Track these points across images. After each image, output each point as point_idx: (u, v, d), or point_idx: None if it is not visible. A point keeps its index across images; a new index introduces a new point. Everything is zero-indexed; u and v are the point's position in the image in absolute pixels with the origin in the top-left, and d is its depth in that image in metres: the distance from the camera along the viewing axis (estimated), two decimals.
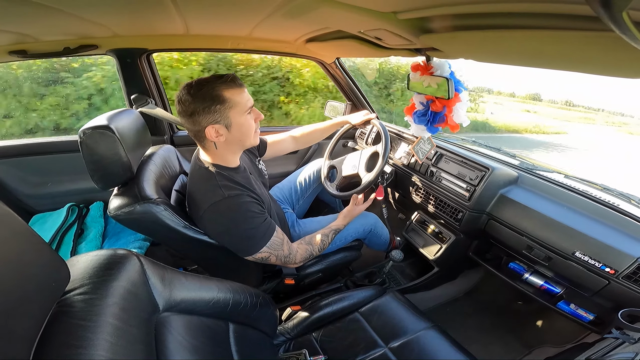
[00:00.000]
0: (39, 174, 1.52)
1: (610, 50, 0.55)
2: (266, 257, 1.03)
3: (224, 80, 0.92)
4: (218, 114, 0.92)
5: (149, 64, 1.52)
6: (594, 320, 1.15)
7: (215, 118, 0.92)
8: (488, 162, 1.35)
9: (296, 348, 0.99)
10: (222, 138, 0.96)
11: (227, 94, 0.92)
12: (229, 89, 0.92)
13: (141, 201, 0.88)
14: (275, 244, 1.04)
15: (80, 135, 0.86)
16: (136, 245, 1.39)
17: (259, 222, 1.00)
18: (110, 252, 0.57)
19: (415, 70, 1.27)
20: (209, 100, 0.90)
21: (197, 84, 0.91)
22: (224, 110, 0.92)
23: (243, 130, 0.97)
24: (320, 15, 0.95)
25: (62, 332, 0.43)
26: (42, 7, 0.83)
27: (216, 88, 0.91)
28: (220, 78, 0.92)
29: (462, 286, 1.74)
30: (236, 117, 0.95)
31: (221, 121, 0.93)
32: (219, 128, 0.94)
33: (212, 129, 0.93)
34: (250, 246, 1.00)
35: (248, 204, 0.99)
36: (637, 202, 1.18)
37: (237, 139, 0.99)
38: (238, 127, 0.96)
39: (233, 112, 0.93)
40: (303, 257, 1.13)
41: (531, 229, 1.18)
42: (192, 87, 0.91)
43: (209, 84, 0.91)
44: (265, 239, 1.01)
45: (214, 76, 0.93)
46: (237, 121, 0.95)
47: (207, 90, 0.90)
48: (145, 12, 1.06)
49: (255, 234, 0.99)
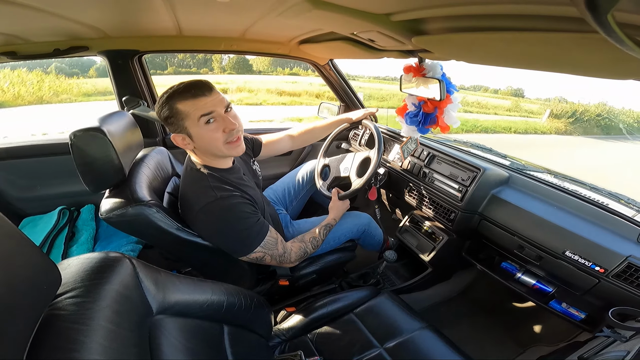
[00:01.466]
0: (29, 177, 1.50)
1: (597, 52, 0.56)
2: (261, 257, 1.03)
3: (177, 92, 0.91)
4: (175, 125, 0.93)
5: (140, 65, 1.51)
6: (586, 319, 1.17)
7: (175, 128, 0.94)
8: (479, 162, 1.37)
9: (291, 349, 0.99)
10: (190, 146, 0.97)
11: (179, 106, 0.91)
12: (182, 101, 0.91)
13: (133, 203, 0.87)
14: (270, 243, 1.04)
15: (70, 138, 0.85)
16: (128, 248, 1.38)
17: (252, 223, 1.00)
18: (102, 255, 0.57)
19: (407, 71, 1.29)
20: (166, 112, 0.92)
21: (161, 95, 0.93)
22: (178, 122, 0.92)
23: (205, 141, 0.95)
24: (313, 17, 0.95)
25: (54, 336, 0.42)
26: (31, 9, 0.83)
27: (170, 100, 0.91)
28: (179, 87, 0.92)
29: (455, 286, 1.75)
30: (192, 128, 0.93)
31: (182, 131, 0.94)
32: (184, 137, 0.95)
33: (178, 137, 0.95)
34: (244, 246, 1.00)
35: (240, 205, 0.99)
36: (626, 202, 1.20)
37: (204, 149, 0.98)
38: (199, 137, 0.94)
39: (187, 123, 0.92)
40: (298, 255, 1.13)
41: (522, 228, 1.19)
42: (160, 97, 0.93)
43: (165, 94, 0.92)
44: (259, 239, 1.01)
45: (174, 86, 0.93)
46: (195, 132, 0.93)
47: (165, 101, 0.91)
48: (137, 14, 1.05)
49: (249, 234, 0.99)
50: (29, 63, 14.92)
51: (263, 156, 1.43)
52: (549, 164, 1.57)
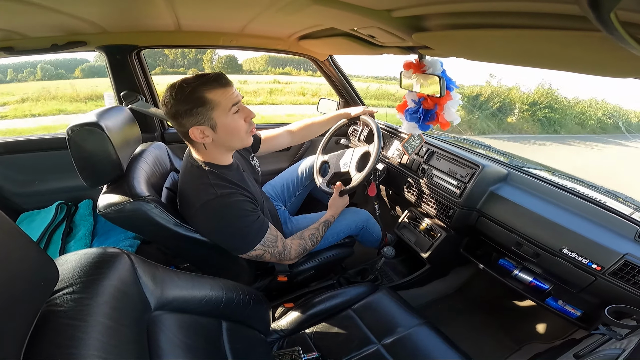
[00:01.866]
0: (26, 172, 1.50)
1: (599, 50, 0.56)
2: (260, 255, 1.03)
3: (206, 81, 0.90)
4: (201, 116, 0.90)
5: (139, 60, 1.50)
6: (582, 316, 1.17)
7: (198, 120, 0.91)
8: (478, 159, 1.37)
9: (290, 345, 1.00)
10: (208, 139, 0.95)
11: (209, 95, 0.89)
12: (211, 90, 0.90)
13: (131, 199, 0.87)
14: (269, 241, 1.04)
15: (68, 133, 0.84)
16: (126, 243, 1.38)
17: (251, 220, 1.00)
18: (100, 250, 0.57)
19: (407, 68, 1.28)
20: (191, 102, 0.89)
21: (179, 85, 0.89)
22: (206, 112, 0.90)
23: (229, 130, 0.95)
24: (313, 13, 0.95)
25: (52, 332, 0.42)
26: (29, 4, 0.82)
27: (198, 89, 0.89)
28: (203, 78, 0.90)
29: (453, 283, 1.76)
30: (220, 117, 0.92)
31: (205, 122, 0.92)
32: (204, 129, 0.92)
33: (197, 130, 0.92)
34: (243, 244, 1.00)
35: (240, 203, 0.98)
36: (623, 200, 1.21)
37: (224, 139, 0.97)
38: (224, 128, 0.94)
39: (216, 113, 0.91)
40: (297, 252, 1.13)
41: (520, 225, 1.19)
42: (175, 88, 0.89)
43: (191, 85, 0.89)
44: (258, 237, 1.01)
45: (197, 76, 0.91)
46: (222, 122, 0.93)
47: (189, 92, 0.88)
48: (136, 9, 1.04)
49: (249, 232, 0.99)
50: (17, 63, 14.72)
51: (262, 152, 1.42)
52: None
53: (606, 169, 6.43)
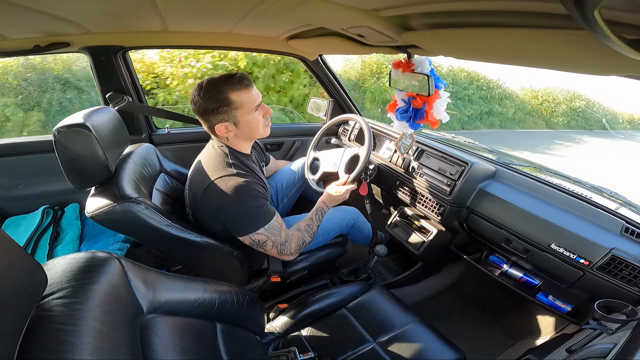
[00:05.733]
0: (10, 176, 1.46)
1: (583, 49, 0.57)
2: (263, 241, 1.04)
3: (231, 82, 1.00)
4: (226, 114, 1.02)
5: (124, 61, 1.47)
6: (572, 311, 1.20)
7: (223, 117, 1.02)
8: (467, 157, 1.39)
9: (285, 346, 0.99)
10: (231, 133, 1.06)
11: (233, 96, 1.00)
12: (235, 91, 1.00)
13: (121, 200, 0.85)
14: (274, 228, 1.05)
15: (54, 134, 0.82)
16: (115, 247, 1.35)
17: (262, 203, 1.04)
18: (89, 254, 0.55)
19: (396, 67, 1.29)
20: (217, 102, 0.99)
21: (206, 85, 1.00)
22: (231, 111, 1.01)
23: (251, 126, 1.07)
24: (302, 12, 0.94)
25: (43, 337, 0.41)
26: (8, 4, 0.79)
27: (223, 91, 0.99)
28: (228, 80, 1.00)
29: (445, 280, 1.78)
30: (243, 116, 1.04)
31: (229, 120, 1.03)
32: (228, 125, 1.04)
33: (222, 126, 1.03)
34: (250, 224, 1.02)
35: (255, 184, 1.04)
36: (608, 195, 1.23)
37: (245, 133, 1.08)
38: (246, 124, 1.06)
39: (240, 112, 1.02)
40: (297, 244, 1.14)
41: (509, 222, 1.21)
42: (202, 89, 1.00)
43: (217, 87, 0.99)
44: (265, 220, 1.03)
45: (223, 76, 1.01)
46: (244, 119, 1.04)
47: (214, 92, 0.99)
48: (119, 8, 1.02)
49: (258, 213, 1.03)
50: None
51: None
52: None
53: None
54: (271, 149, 1.98)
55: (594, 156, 8.06)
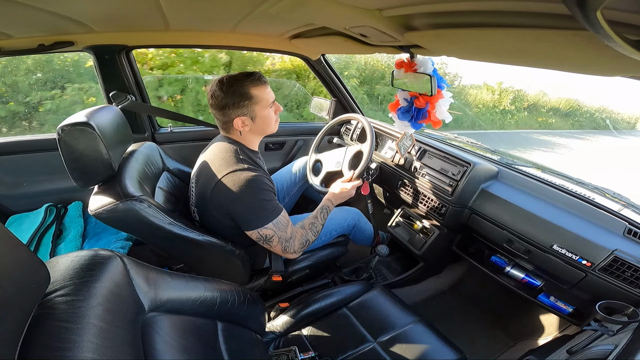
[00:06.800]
0: (14, 174, 1.47)
1: (587, 49, 0.56)
2: (269, 236, 1.05)
3: (252, 79, 1.06)
4: (246, 109, 1.07)
5: (128, 60, 1.48)
6: (573, 312, 1.19)
7: (243, 112, 1.07)
8: (470, 157, 1.38)
9: (286, 345, 1.00)
10: (247, 128, 1.10)
11: (254, 91, 1.06)
12: (255, 87, 1.06)
13: (124, 199, 0.86)
14: (281, 223, 1.07)
15: (58, 132, 0.83)
16: (118, 245, 1.36)
17: (271, 197, 1.07)
18: (92, 252, 0.56)
19: (399, 67, 1.29)
20: (239, 96, 1.05)
21: (228, 81, 1.05)
22: (251, 105, 1.07)
23: (266, 121, 1.13)
24: (305, 12, 0.94)
25: (45, 335, 0.41)
26: (14, 3, 0.80)
27: (245, 86, 1.05)
28: (249, 76, 1.06)
29: (447, 280, 1.78)
30: (261, 111, 1.09)
31: (248, 114, 1.08)
32: (245, 119, 1.08)
33: (240, 120, 1.08)
34: (259, 218, 1.04)
35: (265, 179, 1.06)
36: (611, 196, 1.23)
37: (260, 128, 1.14)
38: (262, 119, 1.11)
39: (258, 106, 1.08)
40: (300, 242, 1.14)
41: (511, 222, 1.21)
42: (224, 83, 1.04)
43: (239, 82, 1.05)
44: (273, 215, 1.05)
45: (242, 74, 1.07)
46: (261, 114, 1.10)
47: (237, 87, 1.04)
48: (123, 7, 1.03)
49: (266, 207, 1.05)
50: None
51: None
52: None
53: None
54: (273, 148, 1.98)
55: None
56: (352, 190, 1.32)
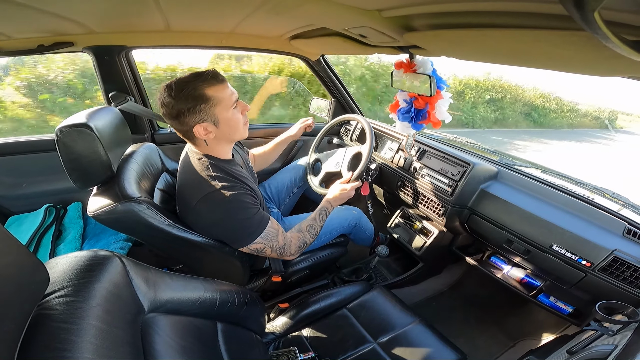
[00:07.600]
0: (13, 175, 1.46)
1: (585, 50, 0.57)
2: (261, 249, 1.02)
3: (205, 78, 0.92)
4: (204, 113, 0.93)
5: (128, 61, 1.48)
6: (573, 312, 1.19)
7: (202, 117, 0.93)
8: (469, 157, 1.38)
9: (285, 346, 1.00)
10: (211, 135, 0.97)
11: (209, 92, 0.92)
12: (210, 87, 0.92)
13: (122, 200, 0.86)
14: (270, 234, 1.03)
15: (57, 134, 0.83)
16: (117, 246, 1.36)
17: (252, 213, 0.99)
18: (91, 253, 0.56)
19: (398, 67, 1.29)
20: (192, 100, 0.90)
21: (177, 85, 0.91)
22: (209, 109, 0.93)
23: (231, 124, 0.99)
24: (305, 12, 0.95)
25: (45, 335, 0.41)
26: (13, 4, 0.80)
27: (198, 87, 0.91)
28: (201, 76, 0.92)
29: (446, 280, 1.78)
30: (222, 113, 0.95)
31: (208, 119, 0.94)
32: (207, 126, 0.95)
33: (200, 127, 0.94)
34: (244, 236, 0.99)
35: (242, 195, 0.99)
36: (611, 196, 1.23)
37: (226, 133, 1.00)
38: (226, 122, 0.97)
39: (219, 108, 0.94)
40: (297, 246, 1.11)
41: (510, 223, 1.21)
42: (173, 88, 0.91)
43: (190, 84, 0.90)
44: (259, 230, 1.00)
45: (193, 74, 0.93)
46: (224, 117, 0.96)
47: (188, 90, 0.90)
48: (123, 7, 1.03)
49: (250, 224, 0.99)
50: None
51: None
52: None
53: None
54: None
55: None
56: (352, 192, 1.31)
